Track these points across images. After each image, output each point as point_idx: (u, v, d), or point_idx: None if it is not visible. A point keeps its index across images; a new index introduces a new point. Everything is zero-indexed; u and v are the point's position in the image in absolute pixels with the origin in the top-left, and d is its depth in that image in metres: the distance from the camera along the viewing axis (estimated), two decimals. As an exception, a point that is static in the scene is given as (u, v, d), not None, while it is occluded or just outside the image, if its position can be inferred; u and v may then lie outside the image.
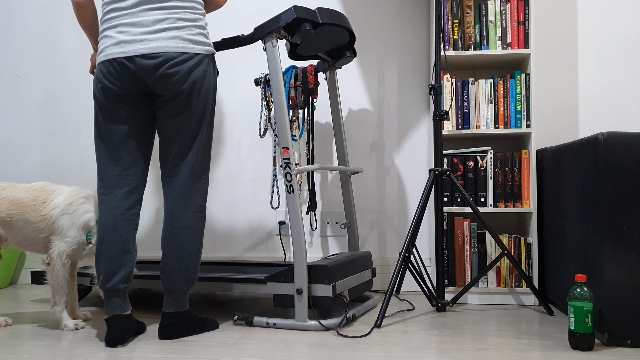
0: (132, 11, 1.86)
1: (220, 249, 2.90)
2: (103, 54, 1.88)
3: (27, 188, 2.06)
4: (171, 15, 1.86)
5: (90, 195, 2.08)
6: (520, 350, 1.74)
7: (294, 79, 2.54)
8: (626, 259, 1.75)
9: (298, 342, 1.85)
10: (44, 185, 2.08)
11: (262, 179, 2.88)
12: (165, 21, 1.86)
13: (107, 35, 1.89)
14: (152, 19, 1.85)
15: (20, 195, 2.03)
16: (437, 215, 2.32)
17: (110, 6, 1.90)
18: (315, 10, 2.10)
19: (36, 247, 2.07)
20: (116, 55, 1.84)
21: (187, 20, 1.89)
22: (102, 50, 1.89)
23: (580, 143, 1.95)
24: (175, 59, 1.84)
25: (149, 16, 1.85)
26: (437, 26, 2.31)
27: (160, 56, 1.83)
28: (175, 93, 1.87)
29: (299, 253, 2.00)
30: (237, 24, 2.91)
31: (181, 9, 1.88)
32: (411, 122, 2.79)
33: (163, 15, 1.86)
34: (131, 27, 1.85)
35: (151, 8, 1.86)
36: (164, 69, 1.84)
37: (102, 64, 1.87)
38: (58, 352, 1.76)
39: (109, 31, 1.88)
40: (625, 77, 2.65)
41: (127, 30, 1.85)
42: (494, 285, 2.42)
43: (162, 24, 1.85)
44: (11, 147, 3.10)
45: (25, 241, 2.06)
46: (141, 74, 1.84)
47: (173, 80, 1.85)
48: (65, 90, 3.05)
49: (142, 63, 1.83)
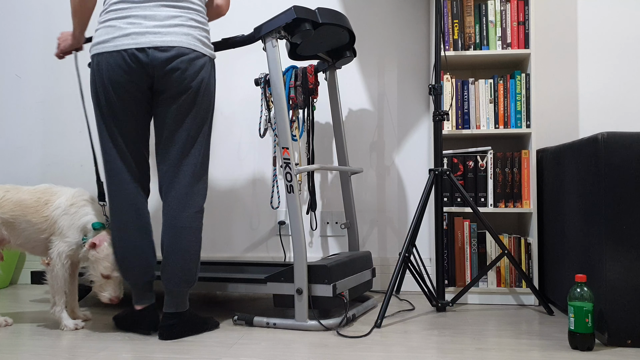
0: (145, 5, 1.84)
1: (220, 249, 2.90)
2: (110, 44, 1.82)
3: (31, 190, 2.07)
4: (184, 14, 1.87)
5: (92, 199, 2.09)
6: (520, 350, 1.74)
7: (294, 79, 2.54)
8: (626, 259, 1.75)
9: (298, 342, 1.85)
10: (47, 188, 2.08)
11: (262, 179, 2.88)
12: (179, 18, 1.86)
13: (112, 25, 1.83)
14: (165, 14, 1.84)
15: (23, 197, 2.04)
16: (437, 215, 2.32)
17: None
18: (315, 10, 2.10)
19: (39, 249, 2.08)
20: (127, 46, 1.80)
21: (198, 22, 1.92)
22: (107, 40, 1.83)
23: (580, 143, 1.95)
24: (188, 55, 1.84)
25: (162, 11, 1.85)
26: (437, 26, 2.31)
27: (173, 50, 1.82)
28: (182, 90, 1.86)
29: (299, 253, 2.00)
30: (237, 24, 2.91)
31: (192, 11, 1.90)
32: (411, 122, 2.79)
33: (176, 13, 1.86)
34: (143, 20, 1.82)
35: (165, 5, 1.85)
36: (176, 63, 1.82)
37: (108, 54, 1.82)
38: (58, 352, 1.76)
39: (115, 21, 1.83)
40: (625, 77, 2.65)
41: (138, 22, 1.82)
42: (494, 285, 2.42)
43: (175, 20, 1.86)
44: (11, 147, 3.10)
45: (29, 243, 2.06)
46: (151, 66, 1.82)
47: (183, 75, 1.84)
48: (65, 90, 3.05)
49: (154, 55, 1.81)
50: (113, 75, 1.83)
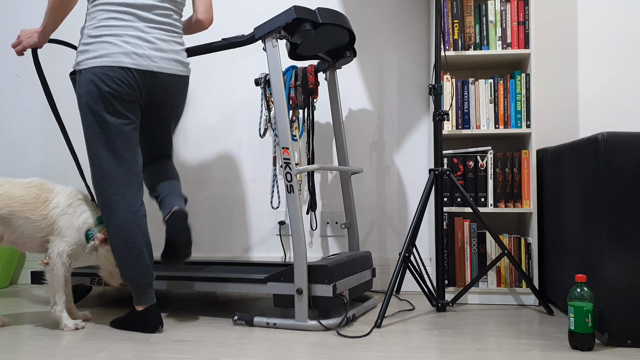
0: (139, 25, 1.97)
1: (220, 249, 2.90)
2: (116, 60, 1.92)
3: (25, 185, 2.04)
4: (171, 37, 2.05)
5: (86, 197, 2.10)
6: (520, 350, 1.74)
7: (294, 79, 2.54)
8: (626, 259, 1.75)
9: (298, 342, 1.85)
10: (41, 183, 2.06)
11: (262, 179, 2.88)
12: (168, 42, 2.04)
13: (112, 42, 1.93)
14: (158, 38, 2.00)
15: (19, 192, 2.01)
16: (437, 215, 2.32)
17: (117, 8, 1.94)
18: (315, 10, 2.10)
19: (31, 245, 2.05)
20: (131, 66, 1.94)
21: (180, 44, 2.10)
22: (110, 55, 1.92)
23: (580, 143, 1.95)
24: (177, 81, 2.07)
25: (156, 34, 2.00)
26: (437, 26, 2.31)
27: (170, 77, 2.03)
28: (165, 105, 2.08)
29: (299, 253, 2.00)
30: (237, 24, 2.91)
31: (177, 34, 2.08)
32: (411, 122, 2.79)
33: (166, 36, 2.03)
34: (140, 41, 1.96)
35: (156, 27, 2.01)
36: (169, 89, 2.05)
37: (110, 69, 1.92)
38: (58, 352, 1.76)
39: (114, 39, 1.94)
40: (625, 77, 2.65)
41: (137, 44, 1.95)
42: (494, 285, 2.42)
43: (166, 44, 2.03)
44: (11, 147, 3.10)
45: (22, 239, 2.03)
46: (149, 87, 1.99)
47: (171, 98, 2.07)
48: (65, 90, 3.05)
49: (152, 79, 1.99)
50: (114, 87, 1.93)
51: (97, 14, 1.96)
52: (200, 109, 2.93)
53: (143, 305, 1.99)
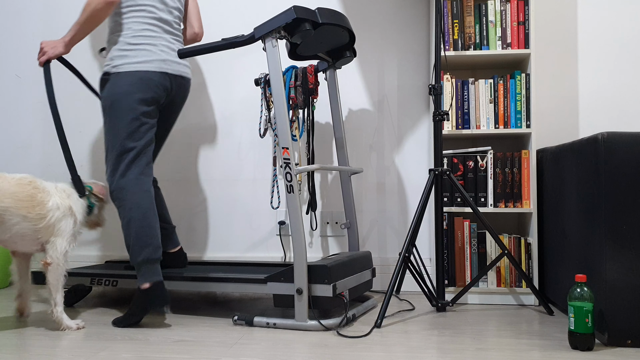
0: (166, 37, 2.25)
1: (220, 249, 2.90)
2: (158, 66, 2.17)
3: (17, 181, 1.96)
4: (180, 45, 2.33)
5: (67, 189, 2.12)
6: (520, 350, 1.74)
7: (294, 79, 2.54)
8: (626, 259, 1.75)
9: (298, 342, 1.85)
10: (32, 181, 2.00)
11: (262, 179, 2.88)
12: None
13: (151, 50, 2.18)
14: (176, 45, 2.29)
15: (13, 188, 1.93)
16: (437, 215, 2.32)
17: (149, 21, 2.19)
18: (315, 10, 2.10)
19: (22, 244, 2.00)
20: (169, 71, 2.21)
21: None
22: (152, 62, 2.16)
23: (580, 143, 1.95)
24: (188, 83, 2.36)
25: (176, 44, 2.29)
26: (437, 26, 2.31)
27: (187, 81, 2.33)
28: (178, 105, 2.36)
29: (299, 253, 2.00)
30: (237, 24, 2.91)
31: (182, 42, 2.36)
32: (411, 122, 2.79)
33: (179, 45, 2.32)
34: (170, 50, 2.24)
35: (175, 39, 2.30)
36: (185, 91, 2.35)
37: (154, 74, 2.16)
38: (58, 352, 1.76)
39: (152, 47, 2.18)
40: (625, 77, 2.65)
41: (168, 52, 2.23)
42: (494, 285, 2.42)
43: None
44: (11, 147, 3.10)
45: (15, 237, 1.96)
46: (175, 89, 2.27)
47: (183, 98, 2.36)
48: (65, 90, 3.05)
49: (179, 82, 2.28)
50: (157, 91, 2.18)
51: (132, 25, 2.16)
52: (200, 109, 2.93)
53: (149, 282, 2.06)
